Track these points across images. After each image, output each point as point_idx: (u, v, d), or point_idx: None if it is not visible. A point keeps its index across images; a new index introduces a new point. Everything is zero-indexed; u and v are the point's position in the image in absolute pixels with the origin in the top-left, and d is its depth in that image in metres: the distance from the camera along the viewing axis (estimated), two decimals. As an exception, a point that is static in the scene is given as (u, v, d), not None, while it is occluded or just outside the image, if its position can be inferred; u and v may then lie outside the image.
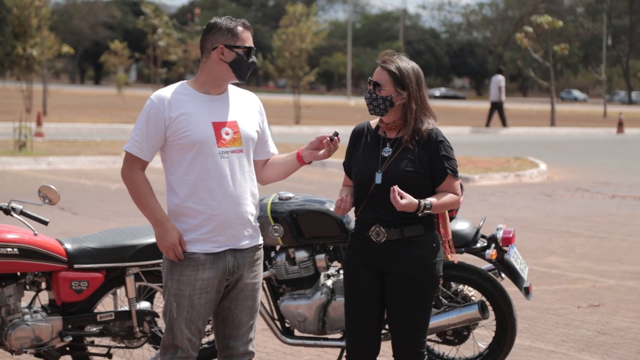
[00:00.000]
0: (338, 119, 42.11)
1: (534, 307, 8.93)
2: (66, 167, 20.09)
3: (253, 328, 5.14)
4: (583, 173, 21.64)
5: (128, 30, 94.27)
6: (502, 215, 14.54)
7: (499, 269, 6.77)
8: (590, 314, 8.78)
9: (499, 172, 20.07)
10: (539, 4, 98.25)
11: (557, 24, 37.96)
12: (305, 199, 6.76)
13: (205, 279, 4.94)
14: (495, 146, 28.72)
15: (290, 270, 6.70)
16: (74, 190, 16.31)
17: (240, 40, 4.95)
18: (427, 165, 5.19)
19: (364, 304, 5.29)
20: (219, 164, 4.92)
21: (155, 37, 37.67)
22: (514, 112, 62.45)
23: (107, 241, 6.26)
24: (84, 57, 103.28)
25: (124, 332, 6.35)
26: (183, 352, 5.01)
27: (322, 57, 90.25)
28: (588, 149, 29.50)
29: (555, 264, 10.99)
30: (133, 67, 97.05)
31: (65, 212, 13.83)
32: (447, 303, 6.70)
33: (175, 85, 5.02)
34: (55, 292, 6.17)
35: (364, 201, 5.25)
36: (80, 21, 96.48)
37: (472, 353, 6.91)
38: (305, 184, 17.76)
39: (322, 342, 6.77)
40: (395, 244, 5.19)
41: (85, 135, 28.48)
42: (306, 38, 37.91)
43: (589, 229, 13.64)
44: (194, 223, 4.93)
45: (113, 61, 55.53)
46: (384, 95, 5.18)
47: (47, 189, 6.03)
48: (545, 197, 17.13)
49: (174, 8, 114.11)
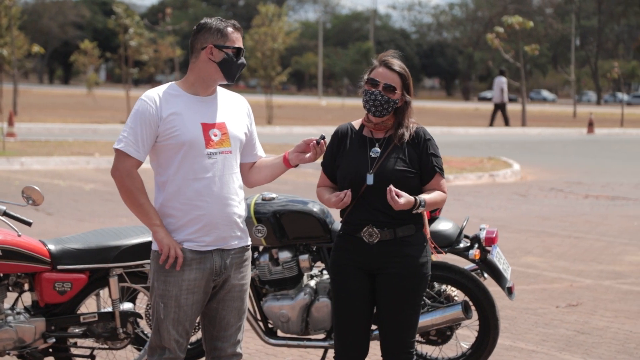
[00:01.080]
0: (310, 119, 42.13)
1: (513, 306, 8.97)
2: (39, 167, 19.97)
3: (241, 329, 5.13)
4: (556, 173, 21.75)
5: (97, 30, 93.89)
6: (478, 215, 14.59)
7: (482, 269, 6.79)
8: (569, 314, 8.83)
9: (473, 172, 20.14)
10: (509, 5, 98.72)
11: (528, 25, 38.17)
12: (288, 199, 6.76)
13: (192, 279, 4.92)
14: (469, 146, 28.81)
15: (274, 271, 6.70)
16: (48, 190, 16.19)
17: (230, 41, 4.94)
18: (417, 163, 5.22)
19: (354, 305, 5.29)
20: (207, 165, 4.91)
21: (126, 37, 37.49)
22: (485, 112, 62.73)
23: (91, 242, 6.22)
24: (53, 56, 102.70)
25: (107, 333, 6.32)
26: (170, 353, 4.99)
27: (293, 57, 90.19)
28: (560, 149, 29.66)
29: (532, 264, 11.04)
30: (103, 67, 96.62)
31: (40, 212, 13.75)
32: (430, 303, 6.71)
33: (164, 86, 5.02)
34: (39, 293, 6.13)
35: (353, 202, 5.24)
36: (50, 21, 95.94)
37: (455, 353, 6.92)
38: (280, 184, 17.76)
39: (305, 343, 6.77)
40: (388, 244, 5.20)
41: (57, 136, 28.32)
42: (278, 38, 37.89)
43: (564, 228, 13.71)
44: (181, 223, 4.92)
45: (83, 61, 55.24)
46: (395, 98, 5.19)
47: (31, 189, 6.00)
48: (519, 197, 17.21)
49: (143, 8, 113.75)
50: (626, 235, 13.25)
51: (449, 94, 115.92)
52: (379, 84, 5.21)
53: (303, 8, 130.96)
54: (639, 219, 14.78)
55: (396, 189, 5.04)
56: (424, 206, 5.12)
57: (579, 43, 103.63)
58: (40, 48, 38.23)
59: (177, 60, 46.35)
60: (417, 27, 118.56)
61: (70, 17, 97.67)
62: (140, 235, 6.31)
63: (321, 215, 6.64)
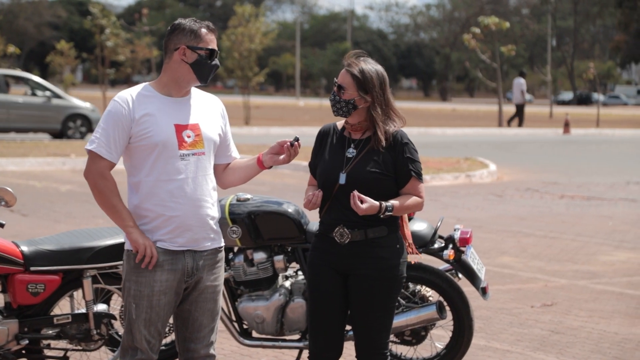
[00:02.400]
0: (287, 120, 42.12)
1: (488, 306, 8.99)
2: (14, 168, 19.88)
3: (214, 331, 5.11)
4: (532, 173, 21.82)
5: (74, 31, 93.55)
6: (455, 215, 14.62)
7: (456, 269, 6.81)
8: (544, 314, 8.86)
9: (449, 173, 20.17)
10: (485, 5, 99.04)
11: (504, 25, 38.26)
12: (263, 200, 6.75)
13: (164, 280, 4.91)
14: (445, 146, 28.88)
15: (249, 272, 6.69)
16: (23, 192, 16.12)
17: (203, 42, 4.92)
18: (392, 166, 5.21)
19: (328, 305, 5.29)
20: (180, 167, 4.90)
21: (102, 37, 37.37)
22: (462, 113, 62.94)
23: (64, 243, 6.19)
24: (29, 57, 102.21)
25: (81, 335, 6.29)
26: (142, 354, 4.97)
27: (271, 58, 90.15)
28: (536, 149, 29.77)
29: (507, 264, 11.08)
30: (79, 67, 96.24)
31: (15, 214, 13.69)
32: (405, 303, 6.72)
33: (138, 87, 5.00)
34: (11, 295, 6.10)
35: (328, 202, 5.25)
36: (25, 21, 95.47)
37: (429, 353, 6.94)
38: (257, 185, 17.73)
39: (280, 344, 6.77)
40: (359, 244, 5.20)
41: (33, 137, 28.21)
42: (255, 39, 37.84)
43: (540, 228, 13.76)
44: (153, 224, 4.91)
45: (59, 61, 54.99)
46: (346, 98, 5.20)
47: (4, 191, 5.95)
48: (496, 198, 17.25)
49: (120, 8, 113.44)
50: (601, 235, 13.31)
51: (426, 94, 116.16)
52: (336, 84, 5.24)
53: (281, 8, 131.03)
54: (613, 219, 14.85)
55: (360, 194, 5.04)
56: (390, 211, 5.10)
57: (556, 43, 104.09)
58: (15, 48, 38.18)
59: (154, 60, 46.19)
60: (394, 27, 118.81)
61: (47, 18, 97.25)
62: (114, 236, 6.28)
63: (296, 216, 6.64)
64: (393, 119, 5.29)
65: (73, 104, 28.16)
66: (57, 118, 27.72)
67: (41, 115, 27.72)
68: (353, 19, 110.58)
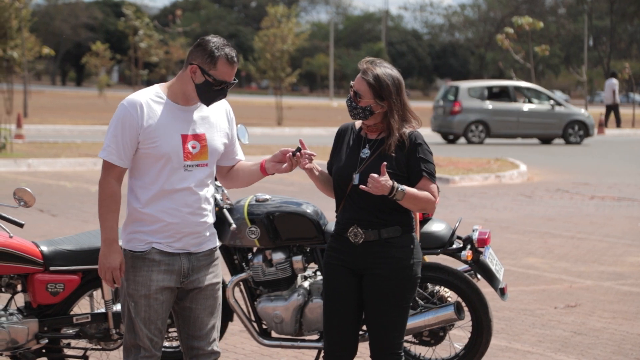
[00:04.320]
0: (320, 120, 42.14)
1: (511, 307, 8.98)
2: (46, 169, 20.04)
3: (216, 328, 5.15)
4: (563, 174, 21.72)
5: (110, 32, 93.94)
6: (482, 216, 14.59)
7: (474, 270, 6.80)
8: (567, 315, 8.83)
9: (479, 173, 20.12)
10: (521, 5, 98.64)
11: (538, 25, 38.05)
12: (282, 200, 6.78)
13: (160, 280, 4.96)
14: (477, 147, 28.80)
15: (267, 272, 6.72)
16: (54, 192, 16.27)
17: (217, 71, 4.88)
18: (405, 167, 5.22)
19: (342, 305, 5.31)
20: (183, 177, 4.93)
21: (136, 38, 37.58)
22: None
23: (83, 243, 6.25)
24: (65, 58, 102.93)
25: (100, 334, 6.35)
26: (146, 352, 5.01)
27: (305, 59, 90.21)
28: (569, 149, 29.60)
29: (533, 265, 11.04)
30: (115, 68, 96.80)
31: (45, 214, 13.81)
32: (423, 304, 6.73)
33: (148, 91, 5.00)
34: (31, 295, 6.17)
35: (342, 201, 5.28)
36: (62, 22, 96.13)
37: (448, 354, 6.93)
38: (286, 186, 17.78)
39: (299, 344, 6.79)
40: (373, 244, 5.22)
41: (66, 137, 28.44)
42: (287, 39, 37.91)
43: (568, 229, 13.70)
44: (152, 228, 4.96)
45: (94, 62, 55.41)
46: (363, 105, 5.22)
47: (23, 191, 6.02)
48: (525, 198, 17.19)
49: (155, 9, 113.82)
50: (630, 236, 13.23)
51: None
52: (352, 90, 5.25)
53: (315, 9, 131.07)
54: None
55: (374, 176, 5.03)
56: (403, 191, 5.07)
57: (592, 43, 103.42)
58: (50, 50, 38.41)
59: (188, 61, 46.39)
60: (429, 28, 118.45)
61: (83, 19, 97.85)
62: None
63: (314, 217, 6.67)
64: (410, 121, 5.31)
65: (572, 111, 31.62)
66: (559, 124, 31.02)
67: (545, 123, 31.10)
68: (387, 19, 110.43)
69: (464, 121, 30.57)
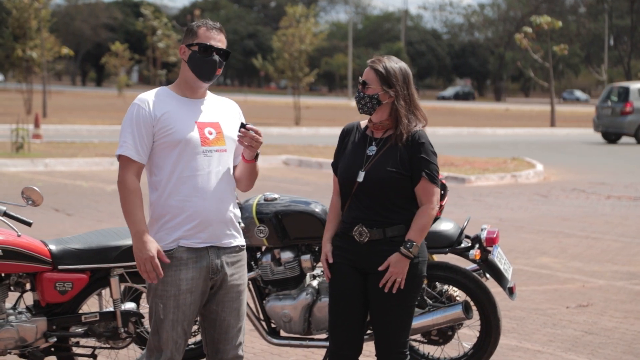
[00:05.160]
0: (338, 120, 42.15)
1: (522, 307, 8.96)
2: (63, 168, 20.12)
3: (242, 331, 5.13)
4: (580, 173, 21.65)
5: (129, 32, 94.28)
6: (497, 215, 14.56)
7: (483, 269, 6.79)
8: (579, 314, 8.80)
9: (495, 173, 20.08)
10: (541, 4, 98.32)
11: (557, 25, 37.99)
12: (290, 200, 6.78)
13: (189, 278, 4.95)
14: (494, 147, 28.73)
15: (276, 271, 6.72)
16: (70, 192, 16.33)
17: (198, 38, 4.96)
18: (408, 165, 5.22)
19: (348, 304, 5.31)
20: (203, 162, 4.94)
21: (154, 38, 37.67)
22: (515, 113, 62.59)
23: (92, 242, 6.27)
24: (85, 58, 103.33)
25: (108, 333, 6.36)
26: (167, 355, 5.00)
27: (324, 58, 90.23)
28: (586, 149, 29.52)
29: (546, 265, 11.01)
30: (135, 68, 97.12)
31: (60, 213, 13.87)
32: (431, 303, 6.72)
33: (156, 89, 5.08)
34: (40, 293, 6.18)
35: (348, 200, 5.29)
36: (82, 23, 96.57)
37: (457, 353, 6.92)
38: (301, 185, 17.79)
39: (308, 343, 6.78)
40: (378, 243, 5.22)
41: (84, 137, 28.54)
42: (306, 39, 37.93)
43: (582, 229, 13.66)
44: (176, 221, 4.95)
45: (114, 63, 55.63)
46: (370, 93, 5.23)
47: (31, 190, 6.05)
48: (540, 198, 17.15)
49: (175, 9, 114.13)
50: (645, 235, 13.18)
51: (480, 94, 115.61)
52: (360, 82, 5.28)
53: (334, 9, 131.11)
54: (659, 220, 14.69)
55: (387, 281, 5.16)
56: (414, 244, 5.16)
57: (612, 43, 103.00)
58: (69, 50, 38.57)
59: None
60: (448, 27, 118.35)
61: (103, 19, 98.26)
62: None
63: (323, 216, 6.67)
64: (417, 116, 5.30)
65: None
66: None
67: None
68: (407, 19, 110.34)
69: (635, 121, 31.39)
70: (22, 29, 37.80)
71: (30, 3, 37.28)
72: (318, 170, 21.10)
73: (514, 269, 10.37)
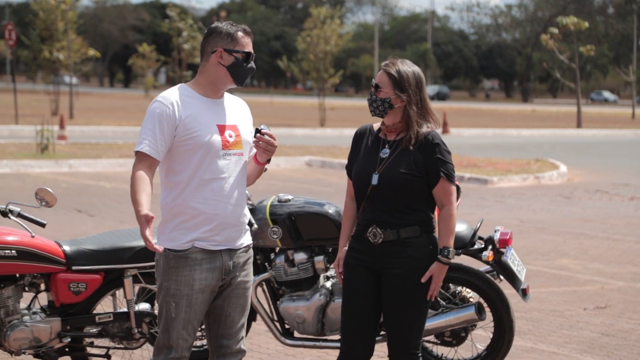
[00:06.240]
0: (363, 121, 41.94)
1: (539, 308, 8.94)
2: (87, 169, 20.23)
3: (244, 326, 5.20)
4: (604, 175, 21.56)
5: (157, 33, 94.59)
6: (518, 217, 14.52)
7: (496, 271, 6.78)
8: (596, 316, 8.77)
9: (518, 174, 20.03)
10: (569, 5, 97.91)
11: (583, 25, 37.82)
12: (304, 201, 6.81)
13: (203, 278, 4.99)
14: (519, 148, 28.65)
15: (289, 272, 6.75)
16: (93, 192, 16.43)
17: (240, 45, 5.01)
18: (423, 167, 5.22)
19: (360, 304, 5.32)
20: (223, 165, 4.99)
21: (180, 40, 37.81)
22: (542, 114, 62.34)
23: (105, 243, 6.31)
24: (113, 60, 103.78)
25: (122, 333, 6.40)
26: (176, 353, 5.06)
27: (350, 59, 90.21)
28: (612, 150, 29.38)
29: (566, 266, 10.97)
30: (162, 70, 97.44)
31: (82, 214, 13.95)
32: (445, 304, 6.72)
33: (176, 88, 5.09)
34: (54, 294, 6.23)
35: (363, 203, 5.30)
36: (110, 24, 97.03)
37: (470, 354, 6.92)
38: (323, 186, 17.81)
39: (321, 344, 6.81)
40: (392, 244, 5.23)
41: (109, 138, 28.68)
42: (331, 40, 37.94)
43: (604, 230, 13.60)
44: (194, 222, 4.99)
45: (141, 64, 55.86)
46: (382, 97, 5.25)
47: (44, 191, 6.10)
48: (563, 199, 17.08)
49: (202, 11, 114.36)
50: (667, 237, 13.11)
51: (508, 95, 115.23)
52: (373, 84, 5.30)
53: (361, 10, 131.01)
54: (682, 221, 14.60)
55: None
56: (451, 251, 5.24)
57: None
58: (95, 52, 38.75)
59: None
60: (475, 28, 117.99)
61: (130, 21, 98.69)
62: (154, 236, 6.37)
63: (336, 217, 6.69)
64: (428, 120, 5.31)
65: None
66: None
67: None
68: (434, 20, 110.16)
69: None
70: (49, 31, 38.06)
71: (57, 5, 37.51)
72: (341, 171, 21.11)
73: (533, 271, 10.38)
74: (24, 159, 20.49)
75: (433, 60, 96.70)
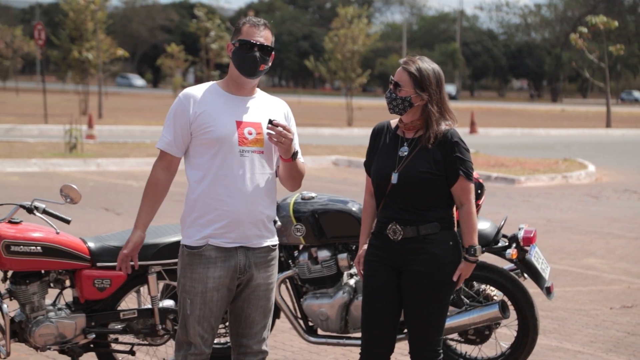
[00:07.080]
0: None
1: (565, 308, 8.90)
2: (115, 168, 20.32)
3: (267, 327, 5.18)
4: (632, 174, 21.43)
5: (185, 34, 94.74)
6: (545, 216, 14.46)
7: (520, 269, 6.76)
8: (622, 315, 8.73)
9: (546, 174, 19.94)
10: (599, 4, 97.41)
11: (613, 25, 37.59)
12: (328, 198, 6.81)
13: (217, 277, 5.01)
14: (547, 147, 28.52)
15: (313, 270, 6.75)
16: (120, 191, 16.49)
17: (242, 35, 5.00)
18: (442, 165, 5.21)
19: (381, 301, 5.32)
20: (239, 162, 4.98)
21: (207, 40, 37.91)
22: (571, 114, 62.05)
23: (129, 240, 6.33)
24: (142, 60, 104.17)
25: (147, 330, 6.43)
26: (196, 349, 5.08)
27: (378, 59, 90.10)
28: (641, 150, 29.20)
29: (592, 266, 10.92)
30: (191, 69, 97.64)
31: (110, 212, 14.01)
32: (468, 302, 6.71)
33: (205, 84, 5.13)
34: (79, 290, 6.27)
35: (382, 201, 5.30)
36: (139, 25, 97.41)
37: (494, 352, 6.91)
38: (349, 186, 17.80)
39: (345, 341, 6.81)
40: (412, 241, 5.23)
41: (137, 138, 28.78)
42: (358, 40, 37.91)
43: (632, 230, 13.52)
44: (207, 218, 5.00)
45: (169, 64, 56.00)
46: (403, 95, 5.23)
47: (69, 188, 6.14)
48: (591, 199, 17.00)
49: (231, 11, 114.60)
50: (695, 237, 13.02)
51: (537, 95, 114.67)
52: (392, 82, 5.28)
53: (389, 10, 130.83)
54: None
55: None
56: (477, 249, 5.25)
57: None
58: (124, 52, 38.91)
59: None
60: (504, 28, 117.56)
61: (159, 21, 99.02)
62: (178, 233, 6.41)
63: (359, 215, 6.68)
64: (446, 118, 5.29)
65: None
66: None
67: None
68: (462, 20, 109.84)
69: None
70: (78, 31, 38.25)
71: (86, 5, 37.70)
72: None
73: (559, 270, 10.34)
74: (52, 158, 20.60)
75: (462, 60, 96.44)
